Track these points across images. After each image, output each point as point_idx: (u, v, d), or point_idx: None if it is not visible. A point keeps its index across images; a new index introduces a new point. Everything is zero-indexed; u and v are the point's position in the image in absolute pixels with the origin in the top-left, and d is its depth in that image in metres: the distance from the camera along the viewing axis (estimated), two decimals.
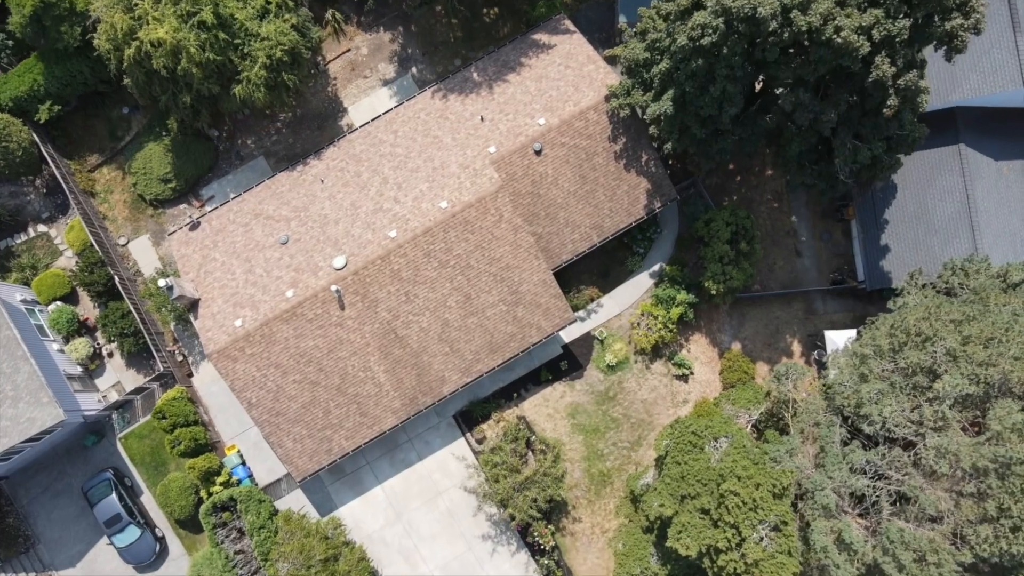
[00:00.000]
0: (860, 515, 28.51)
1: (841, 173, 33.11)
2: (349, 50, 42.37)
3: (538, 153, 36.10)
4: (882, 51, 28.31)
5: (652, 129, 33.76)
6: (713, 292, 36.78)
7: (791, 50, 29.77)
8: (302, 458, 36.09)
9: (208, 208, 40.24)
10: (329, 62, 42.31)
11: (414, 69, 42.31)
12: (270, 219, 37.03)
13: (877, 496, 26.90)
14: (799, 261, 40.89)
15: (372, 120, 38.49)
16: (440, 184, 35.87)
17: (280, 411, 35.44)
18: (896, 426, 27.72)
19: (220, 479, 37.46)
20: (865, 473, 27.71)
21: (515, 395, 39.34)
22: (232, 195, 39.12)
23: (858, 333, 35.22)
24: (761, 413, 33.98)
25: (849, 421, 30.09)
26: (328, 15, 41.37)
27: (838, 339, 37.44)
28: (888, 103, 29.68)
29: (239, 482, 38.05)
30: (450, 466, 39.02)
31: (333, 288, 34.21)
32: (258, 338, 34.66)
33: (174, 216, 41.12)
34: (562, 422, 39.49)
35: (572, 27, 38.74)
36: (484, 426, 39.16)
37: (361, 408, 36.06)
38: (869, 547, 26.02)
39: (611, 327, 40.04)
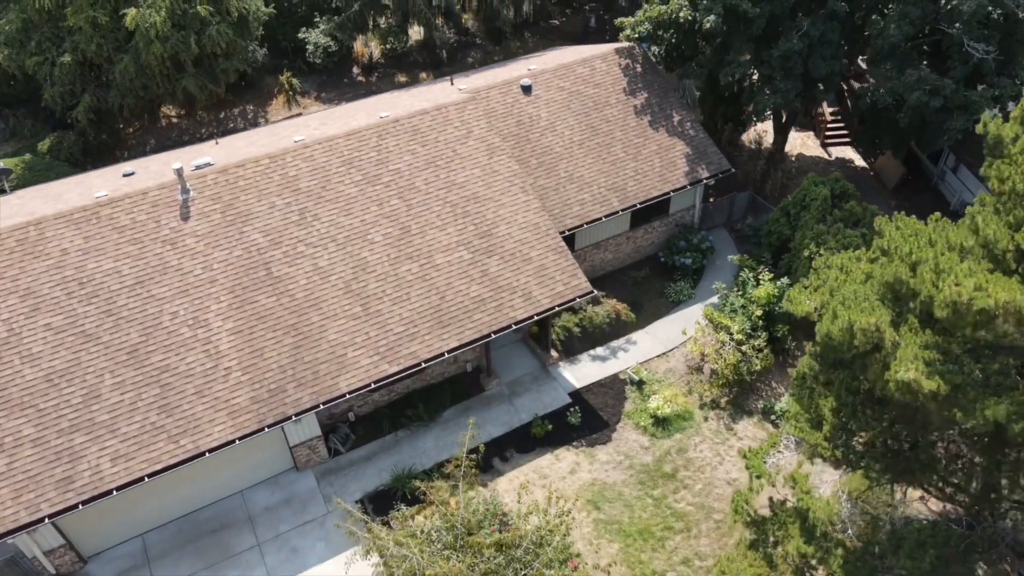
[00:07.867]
0: None
1: (974, 49, 22.47)
2: (300, 114, 34.95)
3: (526, 91, 25.62)
4: None
5: (684, 12, 24.16)
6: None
7: None
8: (6, 489, 16.29)
9: None
10: (273, 122, 34.45)
11: None
12: (127, 175, 24.42)
13: None
14: None
15: (306, 113, 28.90)
16: (386, 111, 24.50)
17: None
18: None
19: None
20: None
21: (480, 464, 20.12)
22: None
23: None
24: None
25: None
26: (283, 79, 35.24)
27: None
28: None
29: None
30: None
31: (175, 166, 20.01)
32: (12, 243, 18.96)
33: None
34: (576, 516, 19.51)
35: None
36: (414, 514, 19.08)
37: (165, 397, 17.82)
38: None
39: (653, 369, 23.14)
